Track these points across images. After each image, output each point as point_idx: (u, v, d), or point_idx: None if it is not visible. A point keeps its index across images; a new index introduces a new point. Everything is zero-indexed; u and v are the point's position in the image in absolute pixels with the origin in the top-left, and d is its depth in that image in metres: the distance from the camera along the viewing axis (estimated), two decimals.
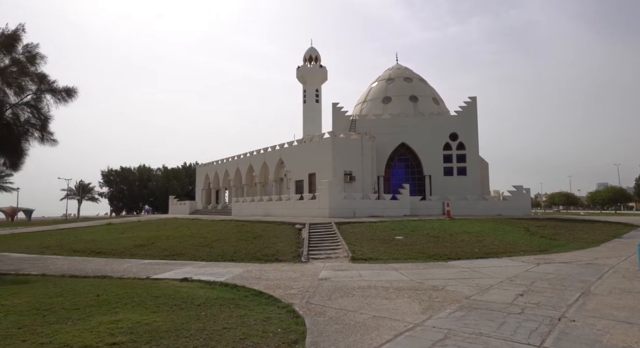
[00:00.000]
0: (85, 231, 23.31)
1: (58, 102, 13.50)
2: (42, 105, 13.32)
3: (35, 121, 13.33)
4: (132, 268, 10.98)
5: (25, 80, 12.64)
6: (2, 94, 12.32)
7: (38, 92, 13.01)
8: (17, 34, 12.36)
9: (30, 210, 56.88)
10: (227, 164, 38.60)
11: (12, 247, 16.63)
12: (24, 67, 12.51)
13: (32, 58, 12.61)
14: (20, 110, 13.00)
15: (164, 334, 4.94)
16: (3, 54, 12.21)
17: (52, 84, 13.09)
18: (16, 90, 12.58)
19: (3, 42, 12.11)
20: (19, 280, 9.12)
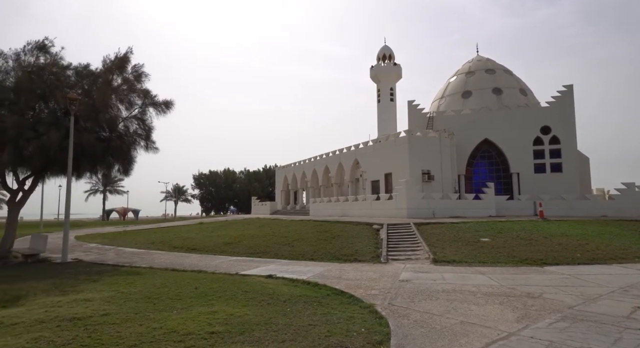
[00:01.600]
0: (181, 229, 25.81)
1: (158, 113, 15.22)
2: (146, 117, 15.13)
3: (141, 132, 15.17)
4: (223, 265, 11.89)
5: (133, 96, 14.48)
6: (116, 110, 14.28)
7: (143, 106, 14.80)
8: (126, 56, 14.26)
9: (137, 210, 64.61)
10: (304, 166, 39.78)
11: (125, 243, 19.09)
12: (132, 84, 14.34)
13: (139, 76, 14.41)
14: (129, 122, 14.91)
15: (255, 327, 5.28)
16: (116, 74, 14.16)
17: (154, 98, 14.81)
18: (127, 106, 14.49)
19: (117, 64, 14.05)
20: (132, 271, 10.44)
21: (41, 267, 11.51)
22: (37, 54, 13.23)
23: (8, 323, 5.39)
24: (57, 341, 4.65)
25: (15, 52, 13.03)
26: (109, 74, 14.15)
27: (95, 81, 14.03)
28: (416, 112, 31.75)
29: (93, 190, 62.89)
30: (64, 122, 13.01)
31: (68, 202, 13.51)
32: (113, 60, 14.20)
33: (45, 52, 13.38)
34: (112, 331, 5.06)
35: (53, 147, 12.37)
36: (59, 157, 12.76)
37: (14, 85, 12.64)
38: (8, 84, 12.65)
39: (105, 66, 14.24)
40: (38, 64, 13.15)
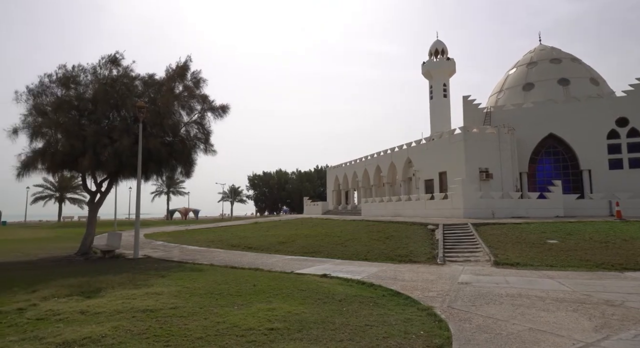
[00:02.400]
0: (238, 229, 26.87)
1: (216, 117, 15.98)
2: (205, 122, 15.95)
3: (200, 135, 16.02)
4: (279, 263, 12.19)
5: (193, 102, 15.36)
6: (178, 115, 15.23)
7: (202, 111, 15.63)
8: (186, 64, 15.16)
9: (197, 211, 68.30)
10: (355, 166, 39.63)
11: (187, 241, 20.27)
12: (192, 91, 15.21)
13: (197, 83, 15.26)
14: (190, 127, 15.81)
15: (312, 325, 5.35)
16: (178, 82, 15.11)
17: (211, 103, 15.59)
18: (187, 111, 15.40)
19: (178, 72, 15.00)
20: (195, 268, 11.06)
21: (117, 262, 12.58)
22: (110, 67, 14.52)
23: (92, 312, 5.95)
24: (134, 330, 5.05)
25: (92, 66, 14.41)
26: (171, 81, 15.14)
27: (160, 89, 15.07)
28: (472, 107, 30.34)
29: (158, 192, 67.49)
30: (133, 129, 14.11)
31: (138, 203, 14.63)
32: (174, 68, 15.18)
33: (117, 65, 14.64)
34: (180, 323, 5.39)
35: (125, 152, 13.48)
36: (130, 161, 13.87)
37: (92, 97, 13.96)
38: (87, 96, 14.00)
39: (167, 75, 15.27)
40: (111, 76, 14.43)
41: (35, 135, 13.41)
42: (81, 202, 59.95)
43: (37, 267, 11.76)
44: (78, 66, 14.41)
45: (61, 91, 13.87)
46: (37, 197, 56.29)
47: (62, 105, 13.40)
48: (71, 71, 14.26)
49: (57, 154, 13.16)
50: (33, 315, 5.84)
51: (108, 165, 13.53)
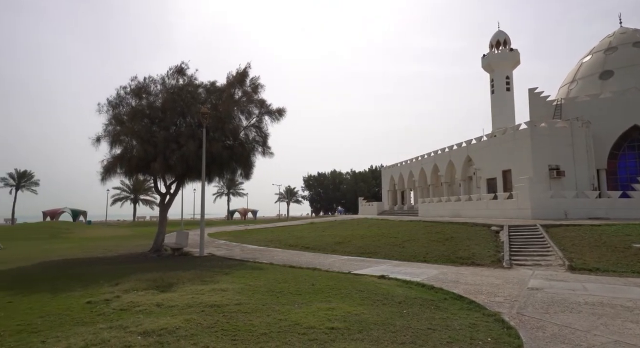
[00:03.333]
0: (295, 229, 27.43)
1: (273, 120, 16.47)
2: (263, 125, 16.51)
3: (258, 138, 16.62)
4: (336, 263, 12.27)
5: (251, 107, 15.99)
6: (238, 120, 15.94)
7: (260, 115, 16.21)
8: (245, 70, 15.84)
9: (255, 211, 70.89)
10: (411, 165, 38.68)
11: (247, 240, 21.12)
12: (250, 96, 15.85)
13: (256, 88, 15.86)
14: (249, 130, 16.47)
15: (372, 326, 5.32)
16: (238, 88, 15.83)
17: (268, 107, 16.11)
18: (246, 115, 16.06)
19: (237, 79, 15.72)
20: (256, 266, 11.49)
21: (185, 260, 13.46)
22: (177, 76, 15.61)
23: (167, 305, 6.42)
24: (203, 323, 5.37)
25: (161, 77, 15.60)
26: (231, 88, 15.90)
27: (221, 95, 15.88)
28: (539, 100, 28.24)
29: (219, 193, 71.01)
30: (197, 134, 15.02)
31: (203, 204, 15.53)
32: (235, 75, 15.93)
33: (182, 75, 15.70)
34: (245, 319, 5.63)
35: (191, 155, 14.40)
36: (195, 164, 14.77)
37: (161, 105, 15.10)
38: (157, 105, 15.17)
39: (228, 81, 16.06)
40: (178, 85, 15.50)
41: (115, 142, 14.82)
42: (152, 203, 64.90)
43: (117, 262, 12.95)
44: (148, 77, 15.67)
45: (135, 101, 15.19)
46: (115, 199, 61.94)
47: (136, 114, 14.67)
48: (143, 82, 15.54)
49: (132, 159, 14.42)
50: (117, 306, 6.44)
51: (176, 168, 14.53)
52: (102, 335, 4.84)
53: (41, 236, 26.88)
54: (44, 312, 6.13)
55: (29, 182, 60.74)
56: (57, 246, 20.04)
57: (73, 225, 39.31)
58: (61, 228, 31.79)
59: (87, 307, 6.47)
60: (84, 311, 6.21)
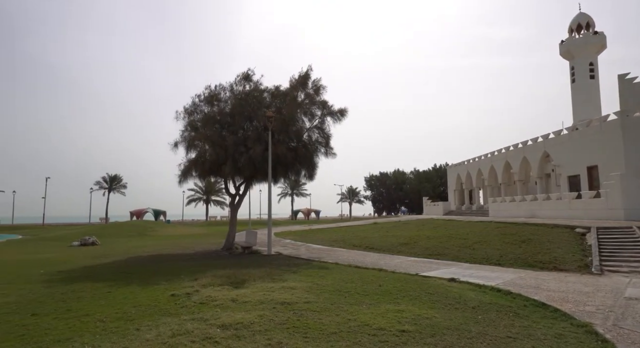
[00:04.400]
0: (358, 229, 27.36)
1: (335, 121, 16.60)
2: (325, 126, 16.71)
3: (321, 140, 16.85)
4: (402, 264, 12.01)
5: (314, 108, 16.28)
6: (301, 122, 16.32)
7: (322, 116, 16.44)
8: (307, 73, 16.18)
9: (318, 211, 71.95)
10: (480, 163, 36.58)
11: (312, 240, 21.50)
12: (313, 98, 16.14)
13: (318, 90, 16.12)
14: (311, 132, 16.78)
15: (445, 331, 5.12)
16: (300, 90, 16.23)
17: (330, 108, 16.27)
18: (309, 117, 16.39)
19: (300, 82, 16.11)
20: (322, 266, 11.66)
21: (254, 258, 14.08)
22: (244, 83, 16.43)
23: (241, 300, 6.77)
24: (275, 320, 5.57)
25: (229, 84, 16.53)
26: (294, 91, 16.33)
27: (285, 99, 16.39)
28: (631, 87, 25.10)
29: (283, 194, 73.19)
30: (263, 137, 15.65)
31: (270, 204, 16.14)
32: (297, 78, 16.34)
33: (249, 81, 16.48)
34: (314, 317, 5.74)
35: (257, 158, 15.05)
36: (261, 166, 15.41)
37: (230, 111, 15.99)
38: (226, 110, 16.10)
39: (291, 84, 16.52)
40: (245, 91, 16.30)
41: (190, 147, 16.01)
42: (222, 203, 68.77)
43: (194, 259, 13.94)
44: (219, 85, 16.68)
45: (207, 108, 16.26)
46: (190, 200, 66.78)
47: (209, 120, 15.70)
48: (214, 90, 16.56)
49: (206, 162, 15.46)
50: (197, 299, 6.93)
51: (244, 170, 15.27)
52: (186, 326, 5.24)
53: (129, 234, 29.85)
54: (136, 303, 6.80)
55: (118, 185, 67.83)
56: (143, 243, 22.10)
57: (155, 224, 43.07)
58: (146, 226, 35.01)
59: (172, 299, 7.04)
60: (169, 303, 6.77)
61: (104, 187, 66.60)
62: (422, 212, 47.02)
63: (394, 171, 78.33)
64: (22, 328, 5.37)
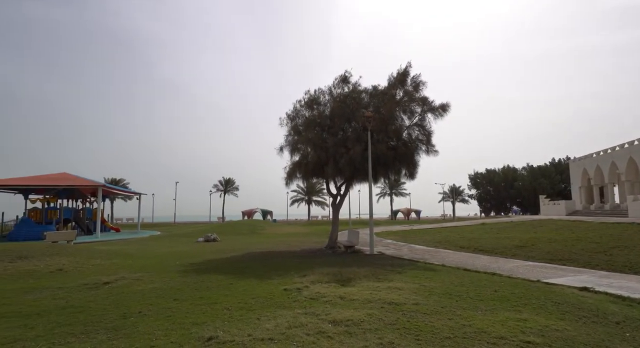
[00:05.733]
0: (464, 230, 25.71)
1: (436, 117, 15.90)
2: (426, 123, 16.12)
3: (422, 137, 16.29)
4: (519, 269, 10.92)
5: (413, 105, 15.83)
6: (400, 120, 16.02)
7: (422, 113, 15.89)
8: (406, 70, 15.82)
9: (419, 211, 69.69)
10: (613, 155, 31.27)
11: (414, 240, 20.91)
12: (412, 95, 15.71)
13: (417, 86, 15.64)
14: (411, 130, 16.33)
15: (581, 347, 4.51)
16: (399, 88, 15.94)
17: (431, 103, 15.63)
18: (408, 115, 15.99)
19: (399, 79, 15.84)
20: (427, 267, 11.25)
21: (357, 257, 14.25)
22: (342, 85, 16.77)
23: (348, 298, 6.92)
24: (385, 319, 5.55)
25: (328, 87, 17.05)
26: (392, 89, 16.10)
27: (383, 98, 16.26)
28: None
29: (382, 193, 72.66)
30: (362, 137, 15.75)
31: (371, 204, 16.17)
32: (396, 76, 16.08)
33: (347, 83, 16.78)
34: (425, 320, 5.57)
35: (357, 158, 15.21)
36: (361, 166, 15.54)
37: (330, 113, 16.48)
38: (326, 113, 16.64)
39: (389, 83, 16.32)
40: (343, 93, 16.64)
41: (294, 150, 16.95)
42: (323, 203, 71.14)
43: (301, 256, 14.69)
44: (318, 89, 17.32)
45: (308, 112, 17.02)
46: (293, 200, 70.68)
47: (310, 124, 16.41)
48: (313, 95, 17.25)
49: (308, 164, 16.20)
50: (307, 295, 7.29)
51: (345, 170, 15.57)
52: (300, 320, 5.55)
53: (243, 231, 32.81)
54: (254, 295, 7.43)
55: (232, 187, 75.24)
56: (255, 240, 24.09)
57: (264, 222, 46.59)
58: (256, 225, 38.10)
59: (285, 293, 7.53)
60: (282, 297, 7.25)
61: (220, 190, 74.48)
62: (537, 212, 42.13)
63: (503, 167, 71.77)
64: (168, 311, 6.30)
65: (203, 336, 4.89)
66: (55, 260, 12.42)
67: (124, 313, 6.23)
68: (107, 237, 27.73)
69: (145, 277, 9.70)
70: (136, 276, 9.84)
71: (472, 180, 73.83)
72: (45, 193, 30.41)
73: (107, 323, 5.64)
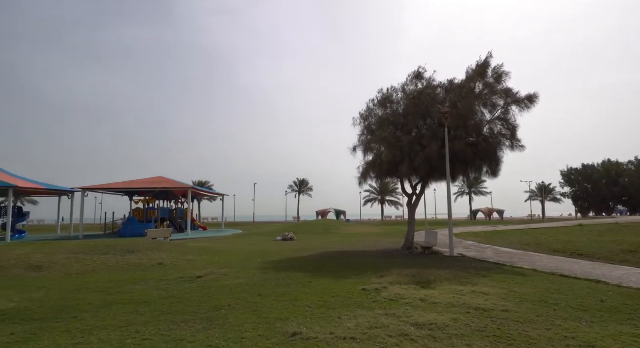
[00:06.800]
0: (557, 232, 23.31)
1: (522, 110, 14.66)
2: (509, 116, 14.94)
3: (505, 132, 15.13)
4: (631, 278, 9.56)
5: (495, 98, 14.77)
6: (480, 115, 15.05)
7: (505, 106, 14.76)
8: (487, 61, 14.83)
9: (502, 211, 64.86)
10: None
11: (498, 242, 19.48)
12: (493, 87, 14.67)
13: (499, 77, 14.56)
14: (493, 124, 15.25)
15: None
16: (478, 81, 14.99)
17: (515, 95, 14.44)
18: (490, 109, 14.96)
19: (478, 72, 14.90)
20: (516, 271, 10.39)
21: (436, 258, 13.69)
22: (416, 81, 16.26)
23: (430, 301, 6.68)
24: (472, 325, 5.26)
25: (401, 84, 16.65)
26: (471, 82, 15.19)
27: (460, 92, 15.42)
28: None
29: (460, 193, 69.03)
30: (439, 134, 15.10)
31: (450, 204, 15.43)
32: (475, 68, 15.14)
33: (420, 79, 16.22)
34: (518, 328, 5.16)
35: (434, 156, 14.63)
36: (438, 165, 14.91)
37: (403, 111, 16.08)
38: (399, 111, 16.27)
39: (468, 76, 15.42)
40: (417, 90, 16.12)
41: (367, 150, 16.83)
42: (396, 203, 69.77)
43: (376, 256, 14.55)
44: (390, 88, 16.99)
45: (381, 111, 16.79)
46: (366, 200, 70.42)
47: (383, 123, 16.17)
48: (386, 93, 16.97)
49: (382, 164, 15.95)
50: (386, 296, 7.19)
51: (421, 169, 15.07)
52: (381, 320, 5.50)
53: (318, 231, 33.50)
54: (334, 293, 7.54)
55: (306, 188, 77.37)
56: (330, 240, 24.43)
57: (338, 222, 47.06)
58: (330, 225, 38.63)
59: (363, 293, 7.52)
60: (361, 297, 7.25)
61: (295, 190, 76.97)
62: None
63: (604, 162, 63.62)
64: (254, 305, 6.68)
65: (288, 331, 5.10)
66: (156, 255, 13.89)
67: (215, 305, 6.74)
68: (196, 234, 30.26)
69: (231, 273, 10.38)
70: (223, 272, 10.58)
71: (566, 177, 66.62)
72: (145, 195, 34.15)
73: (202, 314, 6.16)
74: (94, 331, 5.33)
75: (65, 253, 13.31)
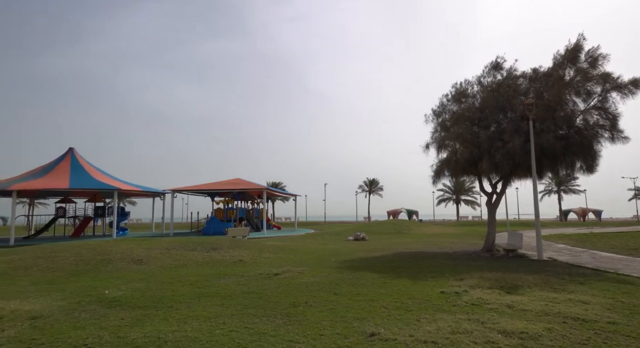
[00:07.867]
0: None
1: (624, 97, 12.94)
2: (608, 105, 13.27)
3: (603, 122, 13.48)
4: None
5: (589, 85, 13.21)
6: (571, 104, 13.58)
7: (603, 93, 13.14)
8: (578, 45, 13.34)
9: (599, 211, 57.80)
10: None
11: (596, 246, 17.37)
12: (587, 73, 13.14)
13: (594, 61, 13.01)
14: (587, 114, 13.66)
15: None
16: (568, 67, 13.54)
17: (616, 80, 12.79)
18: (584, 97, 13.42)
19: (567, 57, 13.46)
20: (621, 279, 9.16)
21: (521, 262, 12.64)
22: (493, 73, 15.18)
23: (518, 308, 6.19)
24: (570, 337, 4.76)
25: (476, 77, 15.67)
26: (559, 69, 13.77)
27: (547, 81, 14.06)
28: None
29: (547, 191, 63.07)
30: (522, 127, 13.93)
31: (536, 203, 14.15)
32: (563, 54, 13.71)
33: (499, 70, 15.11)
34: (629, 344, 4.56)
35: (517, 152, 13.52)
36: (522, 161, 13.75)
37: (480, 105, 15.11)
38: (476, 105, 15.31)
39: (555, 62, 14.01)
40: (496, 81, 15.04)
41: (441, 147, 16.11)
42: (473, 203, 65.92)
43: (454, 258, 13.86)
44: (465, 81, 16.09)
45: (455, 106, 15.96)
46: (440, 200, 67.56)
47: (458, 118, 15.34)
48: (460, 87, 16.10)
49: (458, 162, 15.13)
50: (467, 300, 6.82)
51: (502, 166, 14.03)
52: (464, 326, 5.22)
53: (389, 231, 32.93)
54: (410, 295, 7.35)
55: (376, 188, 76.53)
56: (402, 240, 23.86)
57: (410, 222, 45.76)
58: (402, 225, 37.70)
59: (442, 296, 7.21)
60: (439, 299, 6.96)
61: (365, 190, 76.54)
62: None
63: None
64: (330, 304, 6.77)
65: (365, 331, 5.08)
66: (236, 252, 14.78)
67: (293, 302, 6.97)
68: (271, 233, 31.60)
69: (307, 271, 10.65)
70: (299, 270, 10.89)
71: None
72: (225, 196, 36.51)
73: (281, 310, 6.40)
74: (187, 320, 5.83)
75: (160, 249, 14.76)
